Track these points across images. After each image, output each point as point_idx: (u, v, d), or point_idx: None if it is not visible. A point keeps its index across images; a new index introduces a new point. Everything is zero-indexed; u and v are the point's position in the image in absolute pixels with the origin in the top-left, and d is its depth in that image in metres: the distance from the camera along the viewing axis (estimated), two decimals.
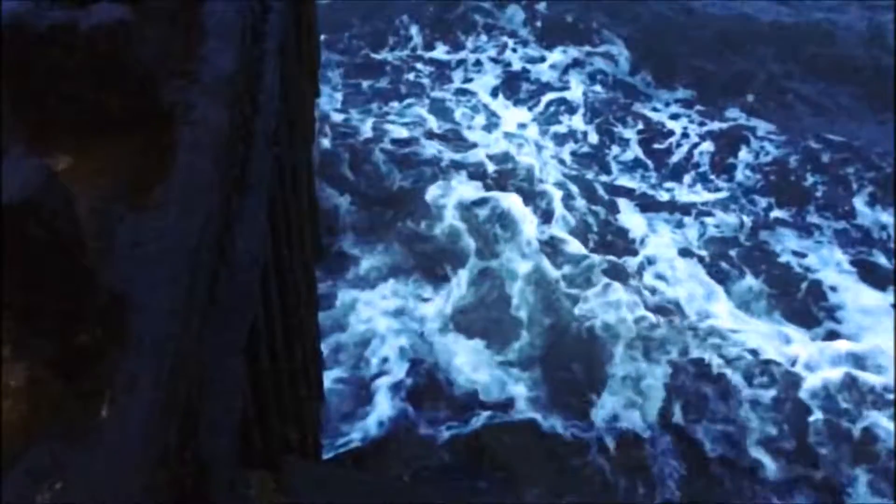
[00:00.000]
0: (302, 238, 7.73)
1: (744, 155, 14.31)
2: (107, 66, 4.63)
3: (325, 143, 13.58)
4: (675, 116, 15.14)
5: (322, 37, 13.34)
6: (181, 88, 5.05)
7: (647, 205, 13.19)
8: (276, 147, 6.02)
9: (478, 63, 16.09)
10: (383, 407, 10.32)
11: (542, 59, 16.35)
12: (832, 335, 11.25)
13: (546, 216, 12.62)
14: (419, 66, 15.98)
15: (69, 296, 3.58)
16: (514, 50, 16.55)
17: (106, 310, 3.75)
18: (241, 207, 5.21)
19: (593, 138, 14.55)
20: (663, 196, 13.43)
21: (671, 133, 14.75)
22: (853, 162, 14.11)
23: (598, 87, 15.74)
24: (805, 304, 11.72)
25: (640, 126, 14.86)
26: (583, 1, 17.62)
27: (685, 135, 14.70)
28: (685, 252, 12.36)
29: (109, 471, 3.32)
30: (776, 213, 13.22)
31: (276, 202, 6.22)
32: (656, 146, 14.48)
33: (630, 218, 12.83)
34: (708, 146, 14.43)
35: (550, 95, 15.50)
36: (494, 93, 15.50)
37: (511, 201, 12.73)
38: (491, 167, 13.43)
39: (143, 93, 4.81)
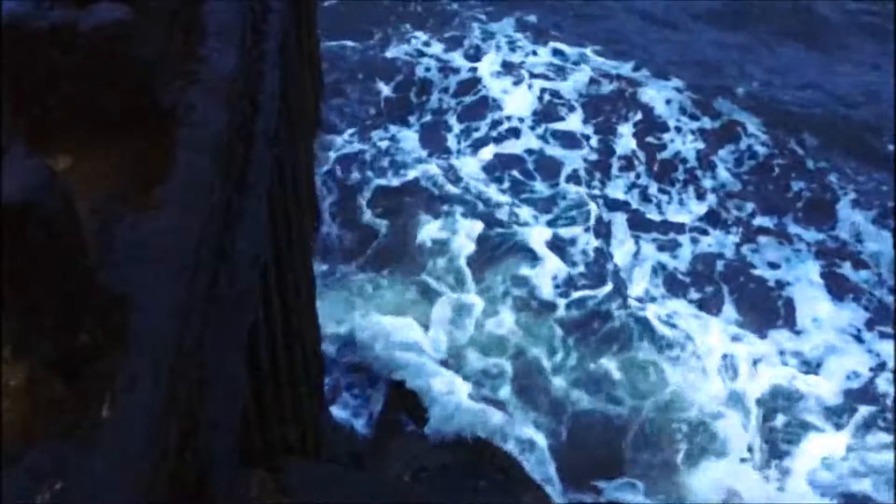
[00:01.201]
0: (302, 238, 7.73)
1: (731, 156, 14.38)
2: (107, 66, 4.63)
3: (324, 155, 13.57)
4: (668, 102, 15.20)
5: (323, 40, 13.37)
6: (181, 88, 5.05)
7: (637, 222, 13.23)
8: (276, 147, 6.02)
9: (475, 66, 16.11)
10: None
11: (537, 58, 16.39)
12: (794, 352, 11.48)
13: (541, 243, 12.64)
14: (417, 71, 15.97)
15: (69, 296, 3.58)
16: (512, 50, 16.58)
17: (106, 310, 3.74)
18: (241, 207, 5.20)
19: (591, 144, 14.56)
20: (653, 210, 13.47)
21: (665, 128, 14.79)
22: (837, 167, 14.16)
23: (593, 85, 15.75)
24: (774, 320, 11.90)
25: (635, 124, 14.88)
26: (572, 4, 17.71)
27: (678, 129, 14.76)
28: (671, 275, 12.46)
29: (109, 471, 3.31)
30: (759, 221, 13.28)
31: (276, 202, 6.21)
32: (649, 139, 14.52)
33: (620, 243, 12.87)
34: (698, 145, 14.49)
35: (546, 90, 15.53)
36: (491, 95, 15.50)
37: (508, 230, 12.76)
38: (486, 189, 13.44)
39: (143, 93, 4.80)
